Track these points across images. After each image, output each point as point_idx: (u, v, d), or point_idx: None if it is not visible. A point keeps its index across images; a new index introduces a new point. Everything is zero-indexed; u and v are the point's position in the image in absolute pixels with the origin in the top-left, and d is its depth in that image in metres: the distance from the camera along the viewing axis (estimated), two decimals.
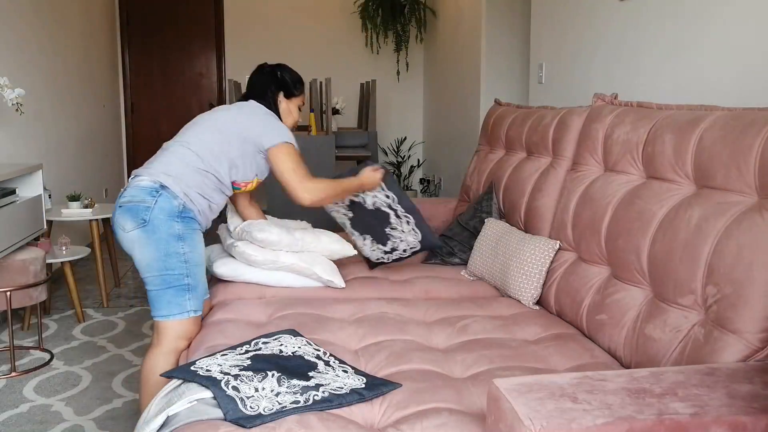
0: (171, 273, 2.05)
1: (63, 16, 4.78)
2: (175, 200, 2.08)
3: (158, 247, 2.04)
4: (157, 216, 2.04)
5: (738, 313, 1.51)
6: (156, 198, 2.05)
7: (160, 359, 2.06)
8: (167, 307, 2.06)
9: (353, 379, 1.66)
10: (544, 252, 2.34)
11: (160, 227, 2.04)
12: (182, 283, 2.06)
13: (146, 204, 2.05)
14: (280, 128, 2.26)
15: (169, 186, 2.08)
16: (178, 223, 2.07)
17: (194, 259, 2.10)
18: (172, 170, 2.12)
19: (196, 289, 2.10)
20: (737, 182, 1.65)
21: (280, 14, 6.65)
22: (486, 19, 4.71)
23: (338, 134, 5.44)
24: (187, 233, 2.10)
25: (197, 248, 2.13)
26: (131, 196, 2.07)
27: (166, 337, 2.07)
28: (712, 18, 2.28)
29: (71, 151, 4.90)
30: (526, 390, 1.24)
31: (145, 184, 2.09)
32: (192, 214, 2.12)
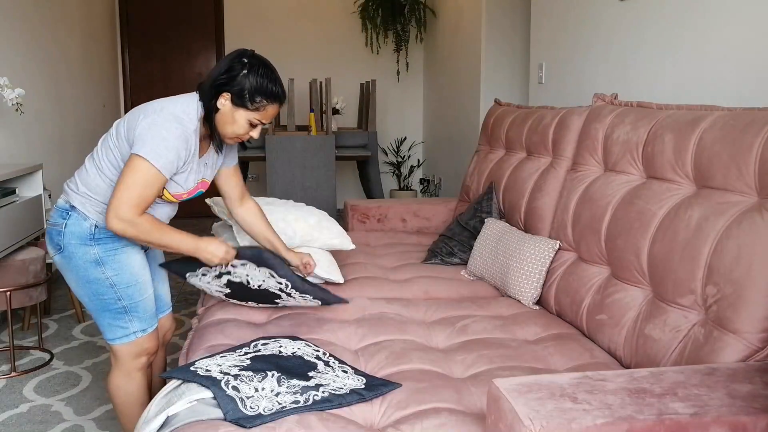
0: (101, 298, 1.89)
1: (63, 16, 4.78)
2: (86, 221, 1.86)
3: (78, 273, 1.88)
4: (69, 241, 1.86)
5: (738, 313, 1.51)
6: (66, 221, 1.86)
7: (122, 380, 1.97)
8: (111, 330, 1.92)
9: (353, 380, 1.66)
10: (544, 252, 2.34)
11: (75, 253, 1.86)
12: (117, 306, 1.90)
13: (58, 228, 1.87)
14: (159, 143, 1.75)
15: (77, 206, 1.86)
16: (92, 246, 1.86)
17: (123, 281, 1.89)
18: (82, 186, 1.88)
19: (137, 309, 1.92)
20: (737, 182, 1.65)
21: (280, 14, 6.65)
22: (486, 19, 4.71)
23: (338, 134, 5.44)
24: (107, 256, 1.87)
25: (125, 268, 1.89)
26: (51, 217, 1.92)
27: (122, 360, 1.95)
28: (712, 18, 2.28)
29: (71, 151, 4.90)
30: (526, 390, 1.24)
31: (59, 204, 1.91)
32: (111, 233, 1.84)
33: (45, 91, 4.37)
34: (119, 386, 1.98)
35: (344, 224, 3.71)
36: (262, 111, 1.85)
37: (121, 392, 1.98)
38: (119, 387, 1.98)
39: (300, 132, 5.24)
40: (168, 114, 1.78)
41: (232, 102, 1.83)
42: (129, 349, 1.94)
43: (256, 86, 1.81)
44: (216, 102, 1.83)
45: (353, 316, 2.21)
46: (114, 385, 1.98)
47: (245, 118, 1.85)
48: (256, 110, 1.84)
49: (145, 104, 1.86)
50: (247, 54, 1.85)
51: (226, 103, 1.84)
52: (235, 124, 1.85)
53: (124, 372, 1.96)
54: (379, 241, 3.28)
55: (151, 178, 1.75)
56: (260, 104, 1.83)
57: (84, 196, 1.87)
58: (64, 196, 1.92)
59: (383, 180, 6.83)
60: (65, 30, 4.83)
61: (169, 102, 1.84)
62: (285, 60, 6.62)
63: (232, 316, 2.20)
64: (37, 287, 3.15)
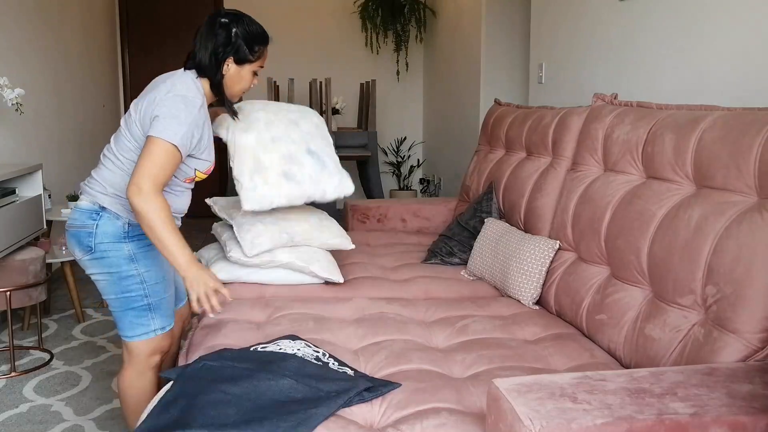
0: (129, 295, 1.92)
1: (63, 16, 4.78)
2: (118, 220, 1.91)
3: (110, 272, 1.91)
4: (102, 241, 1.90)
5: (738, 313, 1.51)
6: (96, 221, 1.90)
7: (135, 378, 1.99)
8: (131, 328, 1.95)
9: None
10: (544, 252, 2.34)
11: (108, 251, 1.90)
12: (142, 304, 1.94)
13: (87, 229, 1.90)
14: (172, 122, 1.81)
15: (107, 206, 1.91)
16: (126, 243, 1.92)
17: (152, 278, 1.95)
18: (109, 187, 1.93)
19: (160, 308, 1.97)
20: (737, 182, 1.65)
21: (280, 14, 6.64)
22: (486, 19, 4.71)
23: (338, 134, 5.44)
24: (141, 252, 1.93)
25: (155, 265, 1.96)
26: (73, 219, 1.94)
27: (137, 357, 1.98)
28: (712, 18, 2.28)
29: (71, 151, 4.90)
30: (525, 390, 1.24)
31: (84, 206, 1.94)
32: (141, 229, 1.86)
33: (45, 91, 4.37)
34: (132, 384, 2.00)
35: (344, 224, 3.70)
36: (262, 57, 2.03)
37: (132, 390, 2.00)
38: (132, 385, 2.00)
39: None
40: (175, 96, 1.86)
41: (235, 62, 1.96)
42: (146, 346, 1.97)
43: (251, 36, 1.96)
44: (222, 69, 1.96)
45: (353, 316, 2.21)
46: (126, 383, 2.00)
47: (249, 71, 2.01)
48: (258, 59, 2.01)
49: (147, 94, 1.91)
50: (220, 16, 1.97)
51: (231, 66, 1.97)
52: (242, 80, 2.01)
53: (137, 370, 1.98)
54: (379, 241, 3.28)
55: (169, 154, 1.81)
56: (259, 51, 2.00)
57: (113, 197, 1.92)
58: (88, 197, 1.94)
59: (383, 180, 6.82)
60: (65, 30, 4.83)
61: (177, 82, 1.91)
62: (285, 60, 6.62)
63: (232, 316, 2.20)
64: (37, 287, 3.15)
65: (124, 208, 1.91)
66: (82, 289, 4.24)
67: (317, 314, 2.21)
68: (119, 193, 1.91)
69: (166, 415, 1.52)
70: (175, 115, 1.82)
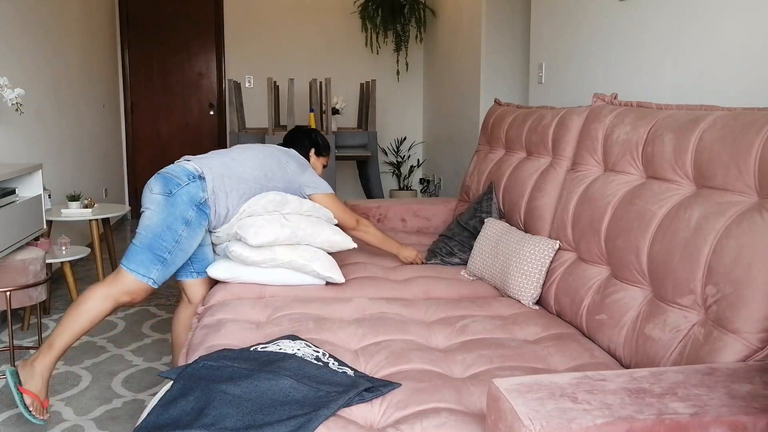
0: (159, 242, 2.26)
1: (63, 16, 4.78)
2: (203, 192, 2.34)
3: (166, 217, 2.27)
4: (182, 195, 2.29)
5: (738, 313, 1.51)
6: (189, 182, 2.32)
7: (100, 294, 2.26)
8: (136, 263, 2.26)
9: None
10: (544, 251, 2.34)
11: (177, 204, 2.28)
12: (162, 254, 2.27)
13: (179, 181, 2.31)
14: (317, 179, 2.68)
15: (205, 179, 2.34)
16: (193, 210, 2.31)
17: (184, 246, 2.31)
18: (217, 169, 2.39)
19: (169, 267, 2.30)
20: (737, 182, 1.65)
21: (280, 14, 6.65)
22: (486, 19, 4.71)
23: (338, 134, 5.44)
24: (195, 223, 2.32)
25: (194, 239, 2.33)
26: (171, 170, 2.34)
27: (118, 284, 2.26)
28: (712, 18, 2.28)
29: (71, 151, 4.90)
30: (525, 390, 1.24)
31: (189, 167, 2.36)
32: (208, 212, 2.36)
33: (45, 91, 4.37)
34: (92, 297, 2.27)
35: None
36: (328, 156, 2.95)
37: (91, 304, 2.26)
38: (91, 297, 2.27)
39: None
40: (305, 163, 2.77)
41: (315, 154, 2.89)
42: (132, 284, 2.27)
43: (324, 142, 2.93)
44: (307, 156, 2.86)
45: (353, 316, 2.21)
46: (90, 295, 2.27)
47: (321, 163, 2.91)
48: (327, 156, 2.94)
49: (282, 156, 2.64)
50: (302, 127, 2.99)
51: (312, 156, 2.89)
52: (317, 168, 2.88)
53: (109, 293, 2.27)
54: None
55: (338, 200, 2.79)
56: (328, 153, 2.94)
57: (219, 178, 2.38)
58: (197, 164, 2.38)
59: (383, 180, 6.83)
60: (65, 30, 4.83)
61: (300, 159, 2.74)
62: (285, 60, 6.63)
63: (232, 316, 2.20)
64: (37, 287, 3.15)
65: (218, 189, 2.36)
66: (82, 289, 4.24)
67: (317, 314, 2.21)
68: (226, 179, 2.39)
69: (165, 415, 1.52)
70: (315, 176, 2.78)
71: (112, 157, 6.16)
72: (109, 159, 6.02)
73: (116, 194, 6.28)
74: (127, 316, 3.73)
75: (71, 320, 2.26)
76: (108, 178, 5.94)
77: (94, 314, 2.26)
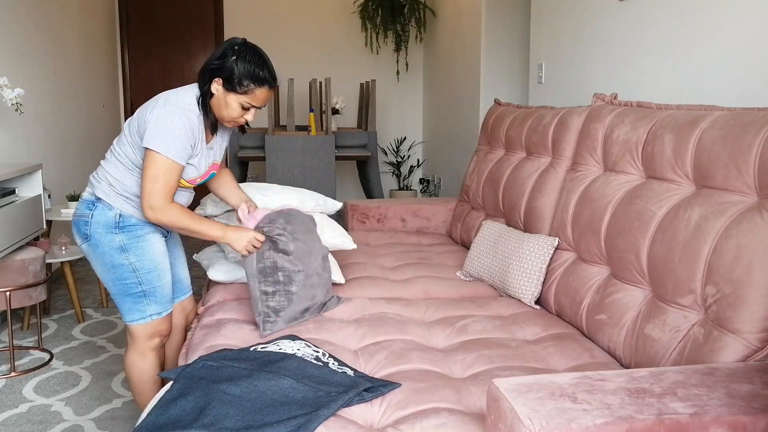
0: (123, 282, 2.05)
1: (63, 15, 4.78)
2: (111, 211, 2.03)
3: (104, 260, 2.04)
4: (96, 230, 2.03)
5: (737, 313, 1.51)
6: (92, 211, 2.04)
7: (137, 359, 2.14)
8: (129, 313, 2.09)
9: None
10: (543, 249, 2.34)
11: (100, 241, 2.03)
12: (137, 291, 2.06)
13: (85, 218, 2.04)
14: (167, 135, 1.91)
15: (102, 197, 2.03)
16: (117, 234, 2.03)
17: (144, 267, 2.05)
18: (106, 178, 2.05)
19: (154, 294, 2.08)
20: (737, 182, 1.65)
21: (280, 14, 6.64)
22: (486, 19, 4.71)
23: (338, 134, 5.44)
24: (131, 242, 2.04)
25: (146, 255, 2.06)
26: (76, 209, 2.09)
27: (138, 339, 2.12)
28: (712, 18, 2.28)
29: (71, 151, 4.90)
30: (525, 390, 1.24)
31: (85, 197, 2.09)
32: (135, 220, 2.04)
33: (45, 91, 4.37)
34: (134, 364, 2.15)
35: (344, 224, 3.71)
36: (251, 94, 2.00)
37: (135, 369, 2.15)
38: (134, 365, 2.15)
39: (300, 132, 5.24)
40: (171, 106, 1.95)
41: (223, 87, 1.99)
42: (145, 329, 2.11)
43: (243, 71, 1.97)
44: (210, 87, 2.00)
45: (353, 316, 2.21)
46: (130, 363, 2.15)
47: (236, 101, 2.00)
48: (244, 93, 1.99)
49: (151, 100, 2.02)
50: (238, 41, 2.02)
51: (219, 88, 2.00)
52: (228, 107, 2.01)
53: (139, 351, 2.13)
54: (379, 241, 3.28)
55: (169, 167, 1.93)
56: (248, 88, 1.98)
57: (108, 187, 2.04)
58: (90, 188, 2.09)
59: (383, 180, 6.82)
60: (65, 30, 4.83)
61: (173, 94, 2.00)
62: (285, 60, 6.62)
63: (232, 316, 2.20)
64: (37, 287, 3.15)
65: (118, 199, 2.03)
66: (82, 289, 4.24)
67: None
68: (114, 183, 2.03)
69: (165, 416, 1.52)
70: (170, 129, 1.92)
71: None
72: None
73: None
74: None
75: (140, 396, 2.18)
76: None
77: (148, 376, 2.15)
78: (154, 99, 2.01)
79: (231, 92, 1.99)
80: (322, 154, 5.09)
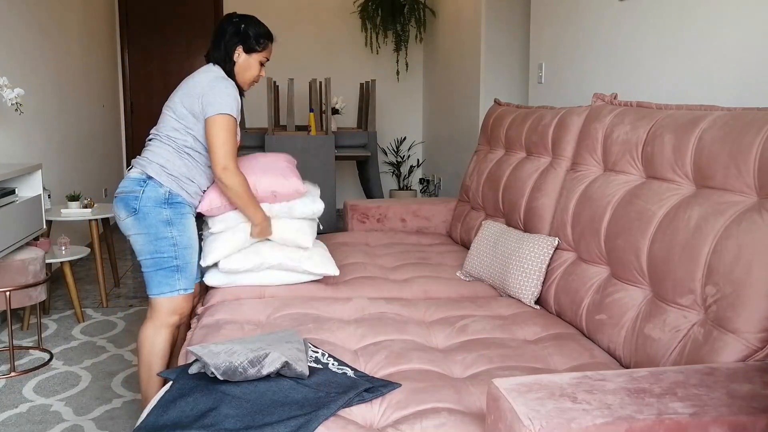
0: (161, 256, 2.22)
1: (63, 15, 4.78)
2: (161, 188, 2.24)
3: (149, 232, 2.22)
4: (145, 205, 2.22)
5: (737, 313, 1.51)
6: (143, 188, 2.23)
7: (151, 331, 2.27)
8: (159, 287, 2.24)
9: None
10: (543, 249, 2.34)
11: (149, 214, 2.22)
12: (172, 264, 2.23)
13: (135, 194, 2.23)
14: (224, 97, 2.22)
15: (154, 176, 2.24)
16: (165, 209, 2.23)
17: (183, 242, 2.25)
18: (157, 161, 2.26)
19: (186, 270, 2.27)
20: (737, 182, 1.65)
21: (280, 14, 6.65)
22: (486, 19, 4.71)
23: (338, 134, 5.44)
24: (176, 218, 2.25)
25: (186, 232, 2.27)
26: (123, 187, 2.26)
27: (159, 313, 2.26)
28: (712, 18, 2.28)
29: (71, 151, 4.90)
30: (525, 390, 1.24)
31: (134, 175, 2.27)
32: (180, 199, 2.27)
33: (45, 91, 4.37)
34: (148, 337, 2.27)
35: (344, 224, 3.71)
36: (267, 49, 2.41)
37: (148, 342, 2.27)
38: (148, 337, 2.27)
39: (300, 132, 5.24)
40: (218, 78, 2.29)
41: (245, 51, 2.35)
42: (169, 304, 2.26)
43: (257, 32, 2.36)
44: (233, 56, 2.34)
45: (353, 316, 2.21)
46: (144, 336, 2.28)
47: (257, 60, 2.38)
48: (263, 50, 2.39)
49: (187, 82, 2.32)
50: (233, 15, 2.38)
51: (241, 54, 2.35)
52: (250, 68, 2.37)
53: (157, 325, 2.26)
54: (379, 241, 3.28)
55: (230, 124, 2.23)
56: (264, 45, 2.39)
57: (159, 168, 2.25)
58: (138, 168, 2.28)
59: (383, 180, 6.83)
60: (65, 30, 4.83)
61: (210, 72, 2.32)
62: (285, 60, 6.62)
63: (232, 316, 2.20)
64: (37, 287, 3.15)
65: (169, 178, 2.25)
66: (82, 289, 4.24)
67: (317, 314, 2.21)
68: (165, 165, 2.26)
69: (165, 416, 1.52)
70: (223, 92, 2.23)
71: (112, 157, 6.16)
72: (108, 159, 6.02)
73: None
74: (127, 316, 3.73)
75: (145, 369, 2.27)
76: (108, 178, 5.94)
77: (158, 350, 2.26)
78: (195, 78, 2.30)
79: (252, 53, 2.36)
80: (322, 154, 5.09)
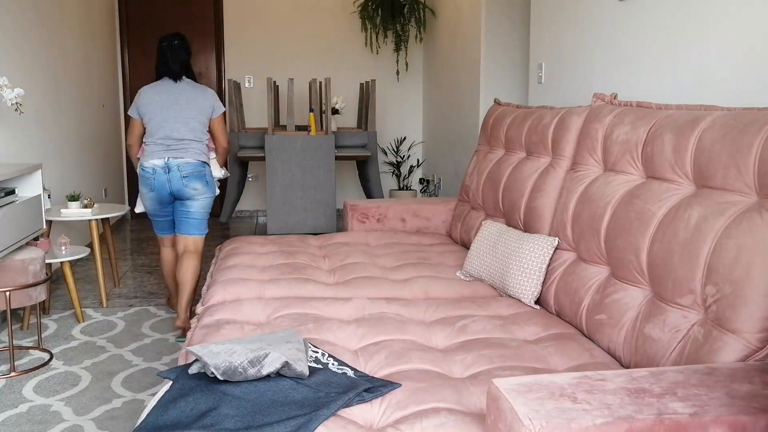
0: (210, 210, 3.46)
1: (63, 16, 4.78)
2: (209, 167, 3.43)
3: (212, 195, 3.43)
4: (210, 178, 3.41)
5: (737, 313, 1.51)
6: (205, 168, 3.38)
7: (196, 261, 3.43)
8: (204, 227, 3.46)
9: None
10: (543, 249, 2.34)
11: (211, 183, 3.42)
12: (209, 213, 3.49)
13: (204, 171, 3.36)
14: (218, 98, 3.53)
15: (204, 161, 3.37)
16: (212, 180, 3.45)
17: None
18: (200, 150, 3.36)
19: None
20: (736, 182, 1.65)
21: (280, 14, 6.64)
22: (485, 19, 4.71)
23: (338, 134, 5.44)
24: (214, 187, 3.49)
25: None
26: (192, 168, 3.30)
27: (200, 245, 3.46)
28: (712, 18, 2.28)
29: (71, 151, 4.90)
30: (525, 390, 1.24)
31: (193, 161, 3.31)
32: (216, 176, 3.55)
33: (45, 91, 4.37)
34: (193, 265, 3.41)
35: (344, 224, 3.71)
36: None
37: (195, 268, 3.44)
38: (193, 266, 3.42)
39: (299, 132, 5.24)
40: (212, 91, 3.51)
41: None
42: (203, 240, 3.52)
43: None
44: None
45: (353, 316, 2.21)
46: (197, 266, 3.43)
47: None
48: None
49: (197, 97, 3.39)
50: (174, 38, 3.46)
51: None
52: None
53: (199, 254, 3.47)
54: (379, 241, 3.28)
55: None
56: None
57: (204, 156, 3.38)
58: (193, 157, 3.31)
59: (383, 180, 6.83)
60: (65, 30, 4.83)
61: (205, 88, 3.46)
62: (285, 60, 6.63)
63: (232, 316, 2.20)
64: (37, 287, 3.15)
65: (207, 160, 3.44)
66: (82, 289, 4.24)
67: (317, 314, 2.21)
68: (205, 152, 3.40)
69: (165, 416, 1.52)
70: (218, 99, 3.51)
71: (112, 157, 6.16)
72: (108, 159, 6.02)
73: (116, 194, 6.27)
74: (127, 316, 3.73)
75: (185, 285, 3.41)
76: (107, 178, 5.94)
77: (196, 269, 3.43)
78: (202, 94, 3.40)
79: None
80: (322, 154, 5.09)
